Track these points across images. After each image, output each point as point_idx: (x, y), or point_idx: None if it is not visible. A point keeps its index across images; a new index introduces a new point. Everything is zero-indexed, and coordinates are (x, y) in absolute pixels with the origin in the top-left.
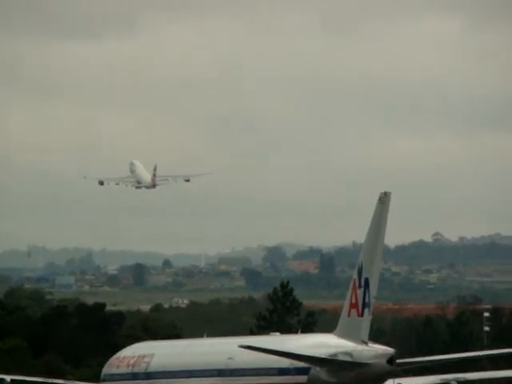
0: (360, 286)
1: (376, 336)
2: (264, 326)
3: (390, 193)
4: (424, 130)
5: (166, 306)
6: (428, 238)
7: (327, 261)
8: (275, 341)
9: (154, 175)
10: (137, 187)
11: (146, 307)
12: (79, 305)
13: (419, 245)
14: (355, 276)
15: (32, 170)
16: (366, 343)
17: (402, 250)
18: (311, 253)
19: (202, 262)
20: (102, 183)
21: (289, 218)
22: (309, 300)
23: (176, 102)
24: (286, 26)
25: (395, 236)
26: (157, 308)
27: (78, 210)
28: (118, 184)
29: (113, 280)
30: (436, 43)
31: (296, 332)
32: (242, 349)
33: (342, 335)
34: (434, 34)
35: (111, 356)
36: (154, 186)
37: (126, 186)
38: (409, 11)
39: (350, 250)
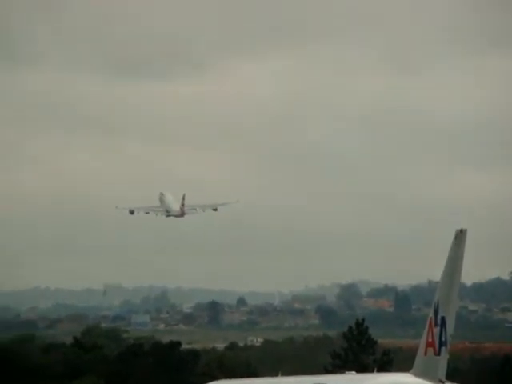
0: (436, 325)
1: (453, 375)
2: (339, 364)
3: (465, 229)
4: (492, 164)
5: (241, 344)
6: (505, 276)
7: (402, 299)
8: (351, 380)
9: (183, 204)
10: (167, 215)
11: (221, 345)
12: (155, 343)
13: (496, 282)
14: (431, 314)
15: (105, 207)
16: (443, 382)
17: (479, 287)
18: (386, 290)
19: (276, 299)
20: (132, 212)
21: (363, 255)
22: (384, 338)
23: (245, 139)
24: (349, 64)
25: (472, 273)
26: (232, 346)
27: (152, 249)
28: (147, 213)
29: (188, 318)
30: (499, 80)
31: (372, 371)
32: None
33: (419, 374)
34: (497, 71)
35: None
36: (182, 214)
37: (156, 215)
38: (471, 49)
39: (426, 287)
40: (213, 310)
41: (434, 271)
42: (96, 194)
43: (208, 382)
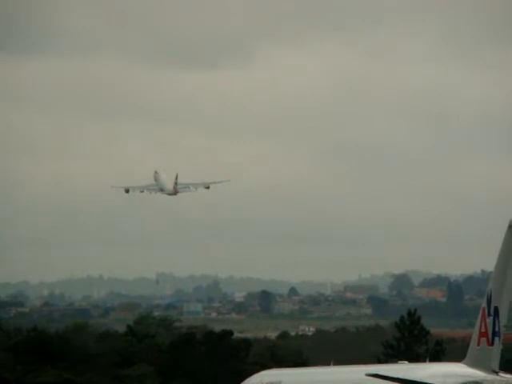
0: (489, 315)
1: (506, 366)
2: (391, 354)
3: None
4: None
5: (293, 333)
6: None
7: (455, 289)
8: (403, 369)
9: (176, 183)
10: (162, 193)
11: (272, 335)
12: (207, 332)
13: None
14: (484, 304)
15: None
16: (496, 373)
17: None
18: (439, 281)
19: (328, 289)
20: (127, 191)
21: (416, 245)
22: (436, 328)
23: (294, 130)
24: (403, 53)
25: None
26: (283, 335)
27: (204, 238)
28: (142, 192)
29: (240, 307)
30: None
31: (424, 361)
32: (369, 377)
33: (472, 364)
34: None
35: (238, 383)
36: (175, 193)
37: (150, 193)
38: None
39: (479, 278)
40: (264, 300)
41: (488, 261)
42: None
43: (259, 371)
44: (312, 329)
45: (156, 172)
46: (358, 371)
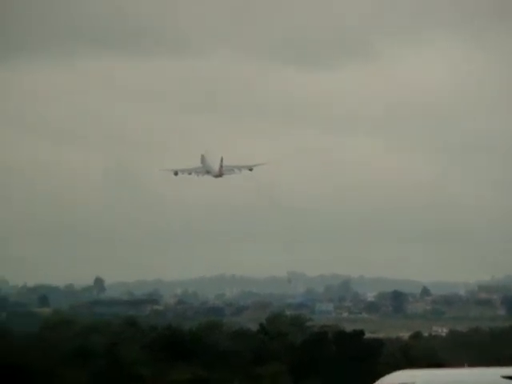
0: None
1: None
2: None
3: None
4: None
5: (426, 333)
6: None
7: None
8: None
9: (221, 166)
10: (208, 175)
11: (405, 335)
12: (338, 332)
13: None
14: None
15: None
16: None
17: None
18: None
19: (462, 289)
20: (176, 173)
21: None
22: None
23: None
24: None
25: None
26: (416, 336)
27: (335, 237)
28: (190, 174)
29: (371, 307)
30: None
31: None
32: (506, 379)
33: None
34: None
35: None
36: (221, 175)
37: (197, 175)
38: None
39: None
40: (396, 299)
41: None
42: (282, 184)
43: (392, 371)
44: (445, 329)
45: (203, 155)
46: (494, 373)
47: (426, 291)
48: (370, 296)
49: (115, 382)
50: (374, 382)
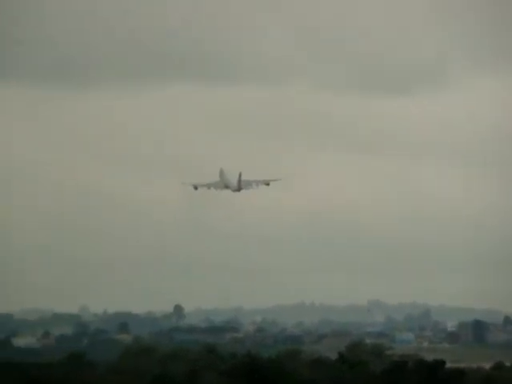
0: None
1: None
2: None
3: None
4: None
5: (508, 364)
6: None
7: None
8: None
9: (240, 180)
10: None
11: (486, 365)
12: (419, 361)
13: None
14: None
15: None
16: None
17: None
18: None
19: None
20: (196, 188)
21: None
22: None
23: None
24: None
25: None
26: (498, 366)
27: (412, 267)
28: (209, 188)
29: (452, 336)
30: None
31: None
32: None
33: None
34: None
35: None
36: (239, 189)
37: (216, 190)
38: None
39: None
40: (477, 329)
41: None
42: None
43: None
44: None
45: (221, 170)
46: None
47: (508, 320)
48: (451, 325)
49: None
50: None
